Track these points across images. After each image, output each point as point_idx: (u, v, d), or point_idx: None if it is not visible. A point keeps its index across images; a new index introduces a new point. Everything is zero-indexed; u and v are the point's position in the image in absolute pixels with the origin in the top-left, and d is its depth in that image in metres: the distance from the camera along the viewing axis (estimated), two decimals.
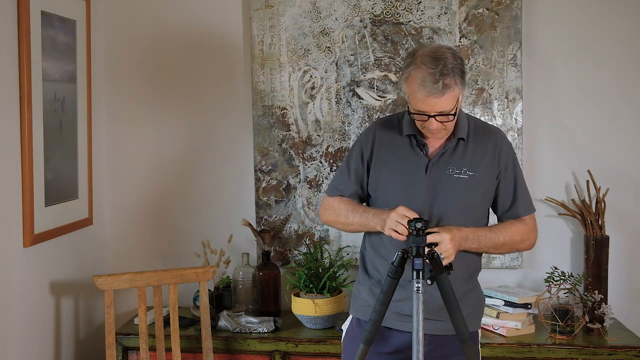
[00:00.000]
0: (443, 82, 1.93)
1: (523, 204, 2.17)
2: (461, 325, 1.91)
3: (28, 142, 2.57)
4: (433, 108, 1.97)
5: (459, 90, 1.99)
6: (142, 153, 3.25)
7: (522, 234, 2.16)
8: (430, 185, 2.08)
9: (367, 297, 2.18)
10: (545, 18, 2.99)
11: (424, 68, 1.95)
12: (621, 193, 2.98)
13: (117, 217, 3.28)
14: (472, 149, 2.12)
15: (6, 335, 2.51)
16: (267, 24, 3.09)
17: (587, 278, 2.86)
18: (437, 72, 1.93)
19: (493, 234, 2.11)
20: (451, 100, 1.97)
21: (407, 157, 2.13)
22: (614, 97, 2.98)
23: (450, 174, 2.09)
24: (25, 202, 2.57)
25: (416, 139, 2.12)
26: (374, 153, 2.18)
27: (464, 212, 2.09)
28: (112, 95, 3.24)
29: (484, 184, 2.12)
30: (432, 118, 1.98)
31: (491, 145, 2.13)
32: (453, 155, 2.10)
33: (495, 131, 2.20)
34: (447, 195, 2.08)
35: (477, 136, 2.14)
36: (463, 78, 2.00)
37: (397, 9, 3.02)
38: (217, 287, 3.08)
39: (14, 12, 2.51)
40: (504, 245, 2.13)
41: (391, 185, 2.14)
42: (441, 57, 1.96)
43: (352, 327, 2.25)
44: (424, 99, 1.96)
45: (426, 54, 1.98)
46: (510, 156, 2.16)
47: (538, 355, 2.66)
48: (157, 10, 3.19)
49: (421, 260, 1.82)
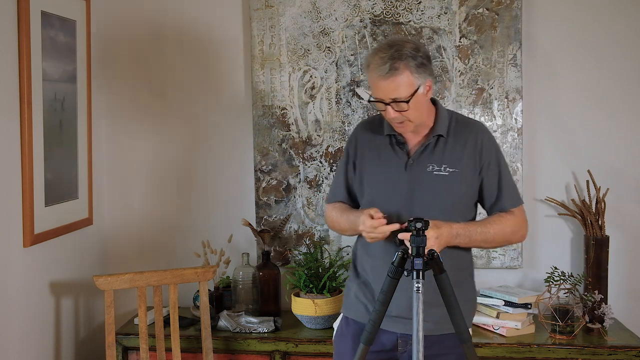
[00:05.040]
0: (391, 65, 1.95)
1: (508, 198, 2.16)
2: (461, 325, 1.91)
3: (28, 142, 2.57)
4: (385, 94, 1.98)
5: (415, 79, 1.98)
6: (142, 153, 3.25)
7: (512, 226, 2.15)
8: (410, 183, 2.09)
9: (355, 296, 2.20)
10: (545, 18, 2.99)
11: (378, 53, 2.00)
12: (621, 193, 2.98)
13: (117, 217, 3.28)
14: (452, 145, 2.11)
15: (6, 335, 2.51)
16: (267, 24, 3.09)
17: (587, 278, 2.86)
18: (387, 56, 1.96)
19: (484, 227, 2.10)
20: (403, 86, 1.97)
21: (388, 156, 2.14)
22: (614, 97, 2.98)
23: (431, 171, 2.08)
24: (25, 202, 2.57)
25: (396, 137, 2.13)
26: (358, 155, 2.22)
27: (446, 209, 2.07)
28: (112, 95, 3.24)
29: (466, 180, 2.11)
30: (388, 106, 2.00)
31: (472, 141, 2.12)
32: (433, 152, 2.10)
33: (477, 126, 2.18)
34: (427, 193, 2.08)
35: (458, 132, 2.13)
36: (422, 68, 1.99)
37: (397, 9, 3.02)
38: (217, 287, 3.08)
39: (14, 12, 2.51)
40: (494, 238, 2.12)
41: (374, 185, 2.16)
42: (397, 43, 2.00)
43: (341, 325, 2.26)
44: (374, 83, 1.99)
45: (385, 42, 2.05)
46: (493, 151, 2.15)
47: (538, 355, 2.66)
48: (157, 10, 3.19)
49: (421, 260, 1.82)
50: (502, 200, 2.15)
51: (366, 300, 2.17)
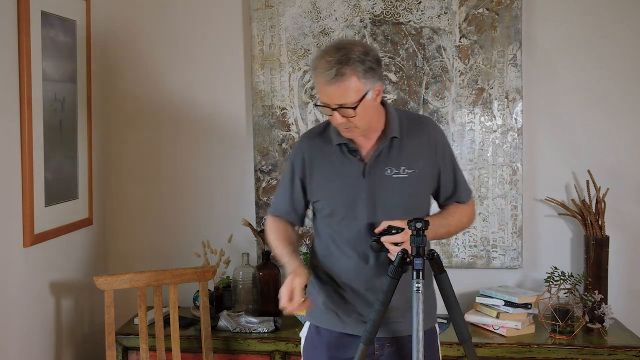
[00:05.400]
0: (338, 70, 1.86)
1: (464, 190, 2.16)
2: (461, 325, 1.91)
3: (28, 142, 2.57)
4: (332, 99, 1.91)
5: (362, 85, 1.90)
6: (141, 153, 3.25)
7: (469, 214, 2.18)
8: (370, 189, 2.03)
9: (324, 305, 2.14)
10: (545, 18, 2.99)
11: (325, 57, 1.91)
12: (621, 193, 2.98)
13: (117, 217, 3.28)
14: (407, 146, 2.06)
15: (6, 335, 2.51)
16: (267, 24, 3.09)
17: (587, 278, 2.86)
18: (334, 60, 1.87)
19: (446, 220, 2.10)
20: (350, 92, 1.89)
21: (342, 165, 2.06)
22: (614, 97, 2.98)
23: (389, 174, 2.03)
24: (25, 202, 2.57)
25: (347, 146, 2.05)
26: (306, 167, 2.12)
27: (408, 210, 2.04)
28: (112, 95, 3.24)
29: (425, 179, 2.08)
30: (335, 112, 1.92)
31: (426, 139, 2.08)
32: (389, 155, 2.04)
33: (427, 122, 2.14)
34: (389, 197, 2.03)
35: (411, 131, 2.08)
36: (370, 72, 1.90)
37: (397, 9, 3.02)
38: (217, 287, 3.08)
39: (14, 12, 2.51)
40: (455, 230, 2.14)
41: (332, 196, 2.08)
42: (345, 47, 1.91)
43: (311, 335, 2.19)
44: (320, 87, 1.92)
45: (332, 45, 1.95)
46: (445, 145, 2.12)
47: (538, 355, 2.66)
48: (157, 10, 3.19)
49: (421, 260, 1.82)
50: (459, 193, 2.15)
51: (337, 309, 2.11)
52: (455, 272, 2.98)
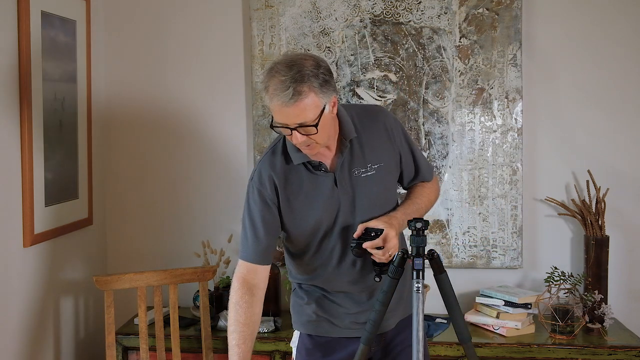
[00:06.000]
0: (294, 89, 1.79)
1: (427, 170, 2.17)
2: (462, 325, 1.91)
3: (28, 142, 2.57)
4: (290, 119, 1.83)
5: (320, 100, 1.83)
6: (141, 153, 3.25)
7: (435, 191, 2.20)
8: (345, 195, 2.00)
9: (315, 314, 2.13)
10: (545, 18, 2.99)
11: (277, 76, 1.82)
12: (621, 193, 2.98)
13: (117, 217, 3.28)
14: (367, 142, 2.03)
15: (6, 335, 2.51)
16: (267, 24, 3.09)
17: (587, 278, 2.86)
18: (289, 79, 1.79)
19: (416, 204, 2.10)
20: (309, 109, 1.82)
21: (310, 181, 2.00)
22: (614, 97, 2.98)
23: (358, 175, 2.01)
24: (25, 202, 2.57)
25: (310, 163, 1.99)
26: (280, 197, 2.01)
27: (384, 204, 2.05)
28: (111, 95, 3.24)
29: (391, 169, 2.08)
30: (294, 131, 1.85)
31: (382, 129, 2.06)
32: (352, 157, 2.01)
33: (378, 112, 2.09)
34: (363, 198, 2.01)
35: (365, 126, 2.04)
36: (325, 86, 1.84)
37: (397, 9, 3.02)
38: (217, 287, 3.08)
39: (14, 12, 2.51)
40: (425, 210, 2.14)
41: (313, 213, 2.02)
42: (296, 63, 1.83)
43: (303, 343, 2.18)
44: (278, 109, 1.83)
45: (281, 62, 1.85)
46: (400, 130, 2.10)
47: (538, 355, 2.66)
48: (156, 10, 3.19)
49: (421, 260, 1.82)
50: (422, 173, 2.15)
51: (329, 316, 2.12)
52: (455, 272, 2.98)
